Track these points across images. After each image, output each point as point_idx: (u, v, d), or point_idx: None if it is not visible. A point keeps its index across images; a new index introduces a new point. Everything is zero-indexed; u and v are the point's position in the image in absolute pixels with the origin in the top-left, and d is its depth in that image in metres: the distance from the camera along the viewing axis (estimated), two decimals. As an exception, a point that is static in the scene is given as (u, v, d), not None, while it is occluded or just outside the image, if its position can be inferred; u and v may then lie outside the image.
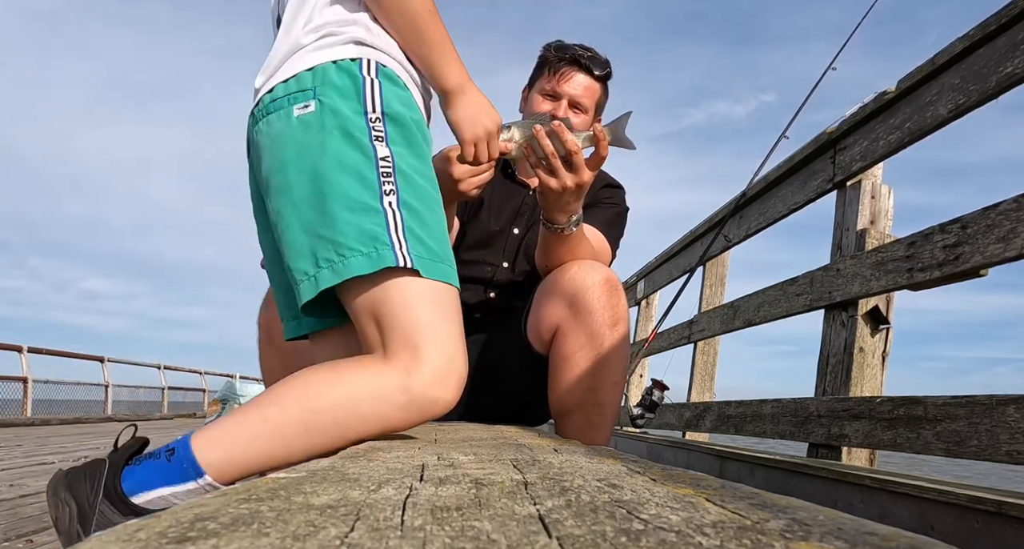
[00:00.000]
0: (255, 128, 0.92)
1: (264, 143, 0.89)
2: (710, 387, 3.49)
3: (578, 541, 0.27)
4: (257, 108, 0.92)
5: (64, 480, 0.81)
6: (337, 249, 0.82)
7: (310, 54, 0.90)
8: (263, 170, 0.90)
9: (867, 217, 2.00)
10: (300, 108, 0.86)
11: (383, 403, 0.80)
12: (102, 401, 10.98)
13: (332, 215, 0.83)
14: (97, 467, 0.81)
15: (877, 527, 0.28)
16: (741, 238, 2.88)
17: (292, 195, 0.86)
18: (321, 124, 0.85)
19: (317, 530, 0.29)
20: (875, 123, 1.86)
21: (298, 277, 0.85)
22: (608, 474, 0.48)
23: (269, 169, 0.88)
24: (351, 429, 0.81)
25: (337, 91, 0.87)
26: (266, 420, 0.80)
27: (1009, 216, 1.31)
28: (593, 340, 1.27)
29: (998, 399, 1.24)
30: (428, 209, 0.88)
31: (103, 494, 0.78)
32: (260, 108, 0.91)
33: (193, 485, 0.78)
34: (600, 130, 1.18)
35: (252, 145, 0.94)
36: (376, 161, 0.85)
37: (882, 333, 1.94)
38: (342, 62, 0.89)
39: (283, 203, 0.87)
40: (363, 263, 0.81)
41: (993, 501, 0.98)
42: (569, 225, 1.28)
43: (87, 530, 0.78)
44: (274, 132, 0.88)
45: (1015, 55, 1.36)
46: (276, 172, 0.87)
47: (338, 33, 0.91)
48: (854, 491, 1.30)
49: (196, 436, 0.81)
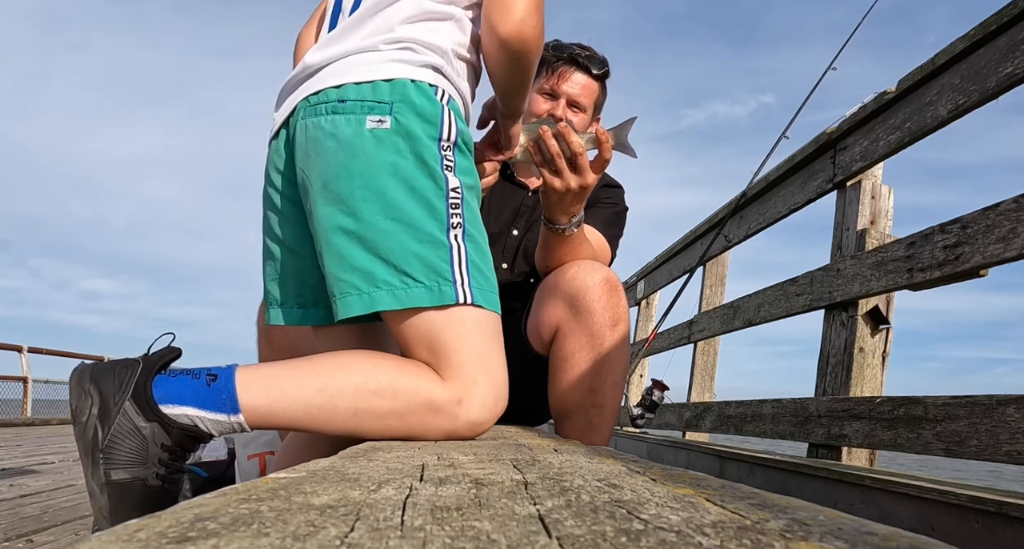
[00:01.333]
0: (312, 119, 0.87)
1: (326, 143, 0.85)
2: (710, 387, 3.49)
3: (578, 541, 0.27)
4: (317, 98, 0.88)
5: (90, 371, 0.79)
6: (400, 277, 0.82)
7: (389, 64, 0.87)
8: (318, 169, 0.86)
9: (867, 217, 2.00)
10: (374, 121, 0.84)
11: (431, 419, 0.82)
12: (102, 401, 10.97)
13: (398, 241, 0.83)
14: (129, 366, 0.79)
15: (877, 527, 0.28)
16: (741, 238, 2.88)
17: (355, 208, 0.83)
18: (395, 144, 0.84)
19: (317, 530, 0.29)
20: (875, 123, 1.86)
21: (345, 288, 0.84)
22: (608, 474, 0.48)
23: (329, 173, 0.85)
24: (391, 430, 0.82)
25: (415, 112, 0.85)
26: (322, 390, 0.79)
27: (1009, 216, 1.31)
28: (593, 340, 1.27)
29: (998, 399, 1.24)
30: (483, 237, 0.90)
31: (131, 394, 0.77)
32: (324, 102, 0.87)
33: (224, 418, 0.78)
34: (602, 132, 1.19)
35: (300, 135, 0.89)
36: (447, 192, 0.85)
37: (882, 333, 1.94)
38: (421, 83, 0.87)
39: (341, 212, 0.84)
40: (425, 296, 0.82)
41: (993, 501, 0.98)
42: (570, 226, 1.28)
43: (107, 426, 0.77)
44: (341, 136, 0.85)
45: (1015, 55, 1.36)
46: (339, 179, 0.84)
47: (419, 52, 0.89)
48: (854, 491, 1.30)
49: (241, 373, 0.80)
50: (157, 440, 0.76)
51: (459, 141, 0.89)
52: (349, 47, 0.89)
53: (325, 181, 0.85)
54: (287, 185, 0.94)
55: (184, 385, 0.79)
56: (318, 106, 0.87)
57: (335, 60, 0.90)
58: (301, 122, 0.89)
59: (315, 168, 0.86)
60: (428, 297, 0.82)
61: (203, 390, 0.78)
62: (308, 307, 0.98)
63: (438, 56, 0.91)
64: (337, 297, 0.85)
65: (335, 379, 0.80)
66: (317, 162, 0.86)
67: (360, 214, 0.83)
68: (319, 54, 0.91)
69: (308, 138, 0.87)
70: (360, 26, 0.91)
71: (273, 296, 0.99)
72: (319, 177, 0.86)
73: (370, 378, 0.81)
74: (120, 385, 0.77)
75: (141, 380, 0.77)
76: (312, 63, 0.91)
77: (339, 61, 0.90)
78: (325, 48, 0.91)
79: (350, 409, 0.80)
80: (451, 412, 0.82)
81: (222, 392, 0.78)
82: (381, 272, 0.82)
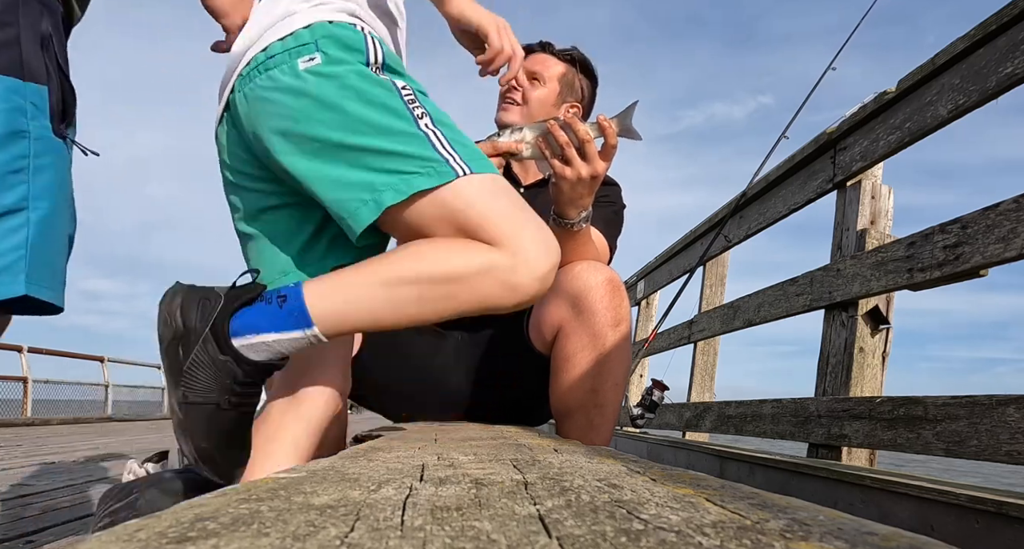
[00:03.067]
0: (248, 86, 0.90)
1: (271, 97, 0.88)
2: (710, 387, 3.49)
3: (578, 541, 0.27)
4: (248, 68, 0.91)
5: (178, 298, 0.84)
6: (396, 176, 0.84)
7: (303, 15, 0.90)
8: (270, 125, 0.88)
9: (867, 217, 2.00)
10: (305, 61, 0.87)
11: (496, 283, 0.82)
12: (102, 401, 10.99)
13: (378, 148, 0.84)
14: (212, 299, 0.83)
15: (877, 527, 0.28)
16: (741, 238, 2.88)
17: (325, 137, 0.85)
18: (332, 72, 0.87)
19: (317, 530, 0.29)
20: (875, 123, 1.87)
21: (351, 206, 0.85)
22: (608, 474, 0.48)
23: (283, 122, 0.87)
24: (460, 302, 0.83)
25: (339, 44, 0.89)
26: (384, 284, 0.82)
27: (1009, 216, 1.31)
28: (595, 340, 1.27)
29: (998, 399, 1.24)
30: (451, 121, 0.92)
31: (210, 328, 0.81)
32: (253, 67, 0.90)
33: (300, 334, 0.81)
34: (604, 119, 1.20)
35: (243, 106, 0.91)
36: (398, 91, 0.88)
37: (882, 333, 1.95)
38: (339, 22, 0.91)
39: (313, 150, 0.86)
40: (424, 180, 0.83)
41: (993, 501, 0.98)
42: (579, 221, 1.29)
43: (188, 353, 0.81)
44: (282, 84, 0.87)
45: (1015, 55, 1.36)
46: (298, 122, 0.86)
47: (331, 3, 0.92)
48: (854, 491, 1.30)
49: (308, 286, 0.82)
50: (231, 371, 0.81)
51: (387, 63, 0.92)
52: (268, 20, 0.92)
53: (284, 130, 0.87)
54: (239, 161, 0.96)
55: (259, 314, 0.82)
56: (250, 73, 0.90)
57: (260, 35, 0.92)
58: (239, 95, 0.91)
59: (268, 123, 0.88)
60: (428, 181, 0.83)
61: (275, 314, 0.82)
62: (290, 272, 0.97)
63: (352, 3, 0.94)
64: (346, 218, 0.86)
65: (394, 270, 0.83)
66: (268, 118, 0.88)
67: (332, 140, 0.85)
68: (241, 41, 0.94)
69: (251, 101, 0.90)
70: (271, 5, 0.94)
71: (258, 264, 0.99)
72: (275, 129, 0.88)
73: (426, 261, 0.82)
74: (203, 317, 0.82)
75: (221, 316, 0.82)
76: (238, 50, 0.94)
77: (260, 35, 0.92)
78: (245, 34, 0.94)
79: (415, 295, 0.82)
80: (512, 268, 0.82)
81: (293, 310, 0.81)
82: (379, 179, 0.84)
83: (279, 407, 0.95)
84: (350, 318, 0.83)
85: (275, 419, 0.94)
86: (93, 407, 10.74)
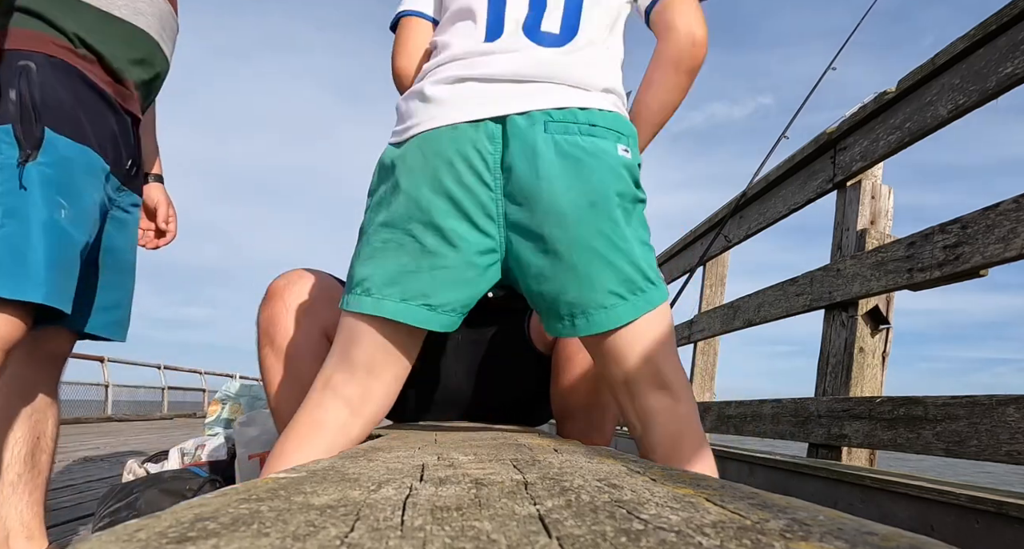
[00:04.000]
0: (564, 136, 0.89)
1: (590, 162, 0.89)
2: (710, 387, 3.49)
3: (578, 541, 0.27)
4: (562, 114, 0.90)
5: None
6: (642, 283, 0.90)
7: (613, 103, 0.95)
8: (583, 186, 0.88)
9: (867, 217, 2.00)
10: (623, 149, 0.92)
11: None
12: (102, 401, 10.98)
13: (641, 252, 0.91)
14: None
15: (877, 527, 0.28)
16: (741, 238, 2.88)
17: (619, 225, 0.89)
18: (632, 171, 0.93)
19: (317, 530, 0.29)
20: (875, 123, 1.87)
21: (605, 300, 0.89)
22: (608, 474, 0.48)
23: (597, 190, 0.88)
24: None
25: (635, 147, 0.95)
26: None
27: (1009, 216, 1.31)
28: None
29: (998, 399, 1.24)
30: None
31: None
32: (572, 121, 0.90)
33: None
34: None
35: (546, 145, 0.88)
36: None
37: (882, 333, 1.95)
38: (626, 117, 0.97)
39: (603, 227, 0.88)
40: (657, 296, 0.91)
41: (993, 501, 0.98)
42: None
43: None
44: (605, 158, 0.90)
45: (1015, 55, 1.36)
46: (604, 198, 0.88)
47: (619, 99, 0.98)
48: (854, 491, 1.30)
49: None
50: None
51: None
52: (590, 72, 0.95)
53: (593, 199, 0.88)
54: (476, 179, 0.89)
55: None
56: (567, 125, 0.90)
57: (559, 78, 0.93)
58: (545, 135, 0.89)
59: (577, 184, 0.88)
60: (660, 296, 0.92)
61: None
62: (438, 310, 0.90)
63: (621, 101, 1.00)
64: (599, 308, 0.89)
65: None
66: (579, 179, 0.88)
67: (624, 233, 0.89)
68: (532, 63, 0.93)
69: (562, 154, 0.88)
70: (595, 47, 0.97)
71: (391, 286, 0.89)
72: (585, 194, 0.88)
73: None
74: None
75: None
76: (524, 68, 0.93)
77: (567, 81, 0.93)
78: (537, 60, 0.94)
79: None
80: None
81: None
82: (638, 281, 0.90)
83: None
84: None
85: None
86: (93, 407, 10.74)
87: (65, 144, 1.08)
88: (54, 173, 1.05)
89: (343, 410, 0.90)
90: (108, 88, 1.18)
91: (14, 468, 1.21)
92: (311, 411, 0.90)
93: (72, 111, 1.10)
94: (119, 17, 1.19)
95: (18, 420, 1.22)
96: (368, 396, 0.91)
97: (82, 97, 1.12)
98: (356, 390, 0.90)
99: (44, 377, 1.27)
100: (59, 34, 1.12)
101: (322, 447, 0.87)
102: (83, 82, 1.13)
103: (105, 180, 1.17)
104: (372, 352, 0.90)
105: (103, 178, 1.16)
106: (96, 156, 1.14)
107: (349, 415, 0.90)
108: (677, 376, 0.94)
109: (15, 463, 1.21)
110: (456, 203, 0.88)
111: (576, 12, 0.98)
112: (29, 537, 1.21)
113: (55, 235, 1.04)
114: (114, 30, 1.18)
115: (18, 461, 1.21)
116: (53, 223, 1.04)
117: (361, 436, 0.92)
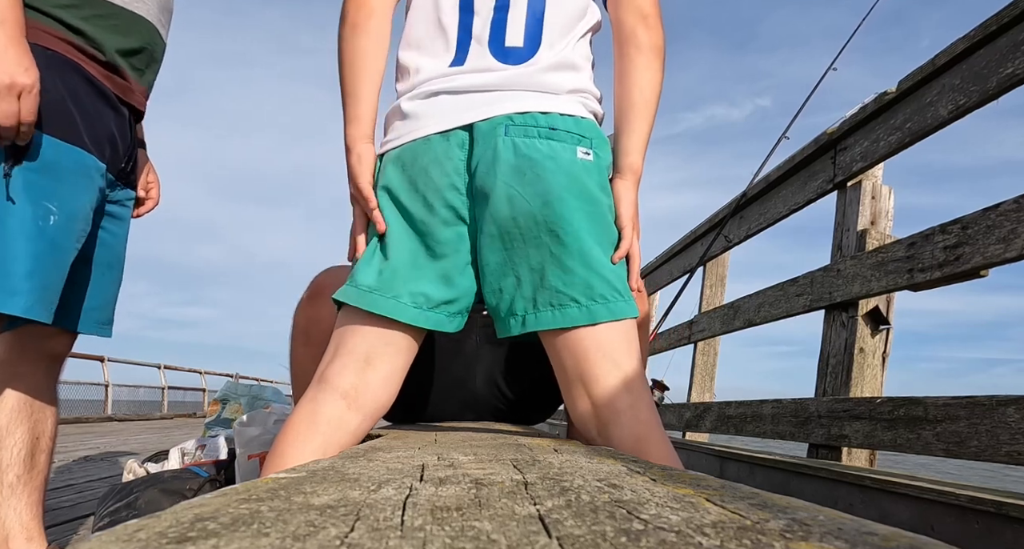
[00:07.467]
0: (524, 139, 0.92)
1: (546, 164, 0.91)
2: (710, 387, 3.49)
3: (578, 541, 0.27)
4: (523, 118, 0.92)
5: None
6: (609, 291, 0.91)
7: (581, 103, 0.97)
8: (536, 187, 0.90)
9: (867, 217, 2.00)
10: (583, 152, 0.93)
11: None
12: (102, 401, 10.98)
13: (604, 259, 0.92)
14: None
15: (877, 527, 0.28)
16: (741, 238, 2.88)
17: (572, 225, 0.90)
18: (597, 177, 0.94)
19: (317, 530, 0.29)
20: (875, 124, 1.87)
21: (561, 301, 0.90)
22: (608, 474, 0.48)
23: (551, 192, 0.90)
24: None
25: (605, 148, 0.97)
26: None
27: (1009, 217, 1.31)
28: None
29: (998, 400, 1.24)
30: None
31: None
32: (532, 125, 0.93)
33: None
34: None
35: (506, 148, 0.91)
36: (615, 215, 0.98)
37: (882, 334, 1.94)
38: (593, 122, 0.99)
39: (554, 226, 0.90)
40: (627, 308, 0.91)
41: (993, 502, 0.98)
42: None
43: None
44: (561, 160, 0.91)
45: (1016, 56, 1.36)
46: (557, 198, 0.90)
47: (589, 97, 0.99)
48: (854, 491, 1.30)
49: None
50: None
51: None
52: (546, 77, 0.96)
53: (546, 199, 0.90)
54: (448, 184, 0.93)
55: None
56: (527, 128, 0.93)
57: (523, 85, 0.95)
58: (504, 138, 0.92)
59: (532, 185, 0.91)
60: (630, 309, 0.91)
61: None
62: (423, 308, 0.93)
63: (596, 103, 1.01)
64: (554, 308, 0.90)
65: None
66: (535, 181, 0.91)
67: (576, 231, 0.90)
68: (498, 80, 0.95)
69: (519, 155, 0.91)
70: (556, 47, 0.97)
71: (385, 284, 0.93)
72: (539, 195, 0.90)
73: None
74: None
75: None
76: (491, 82, 0.95)
77: (531, 88, 0.95)
78: (493, 70, 0.96)
79: None
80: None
81: None
82: (599, 287, 0.90)
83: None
84: None
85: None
86: (93, 407, 10.74)
87: (55, 147, 1.05)
88: (41, 179, 1.03)
89: (339, 403, 0.89)
90: (106, 82, 1.15)
91: (13, 469, 1.20)
92: (306, 405, 0.91)
93: (65, 110, 1.07)
94: (120, 5, 1.15)
95: (17, 420, 1.21)
96: (365, 388, 0.91)
97: (78, 94, 1.09)
98: (351, 380, 0.90)
99: (43, 377, 1.26)
100: (56, 24, 1.08)
101: (318, 442, 0.87)
102: (80, 77, 1.10)
103: (101, 179, 1.16)
104: (371, 343, 0.92)
105: (98, 177, 1.14)
106: (89, 156, 1.11)
107: (345, 408, 0.89)
108: (625, 403, 0.91)
109: (14, 464, 1.20)
110: (432, 208, 0.93)
111: (538, 21, 0.99)
112: (29, 538, 1.21)
113: (40, 245, 1.02)
114: (113, 19, 1.14)
115: (17, 462, 1.21)
116: (39, 232, 1.02)
117: (360, 431, 0.91)
